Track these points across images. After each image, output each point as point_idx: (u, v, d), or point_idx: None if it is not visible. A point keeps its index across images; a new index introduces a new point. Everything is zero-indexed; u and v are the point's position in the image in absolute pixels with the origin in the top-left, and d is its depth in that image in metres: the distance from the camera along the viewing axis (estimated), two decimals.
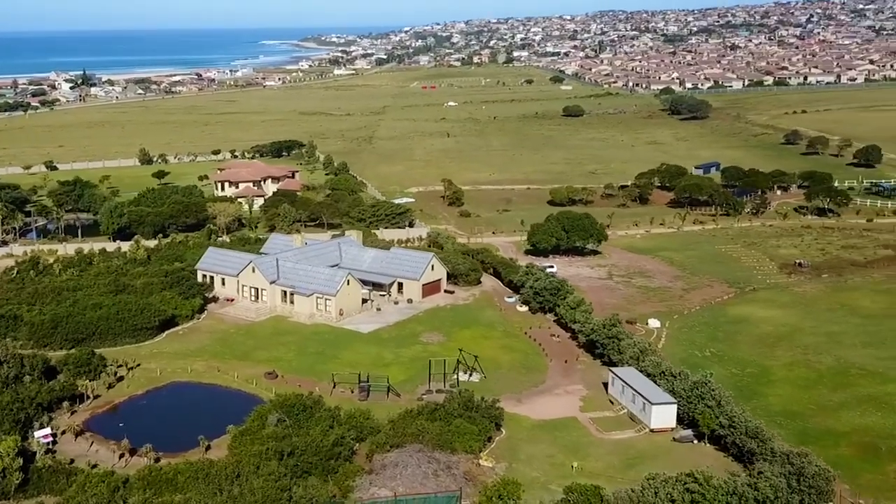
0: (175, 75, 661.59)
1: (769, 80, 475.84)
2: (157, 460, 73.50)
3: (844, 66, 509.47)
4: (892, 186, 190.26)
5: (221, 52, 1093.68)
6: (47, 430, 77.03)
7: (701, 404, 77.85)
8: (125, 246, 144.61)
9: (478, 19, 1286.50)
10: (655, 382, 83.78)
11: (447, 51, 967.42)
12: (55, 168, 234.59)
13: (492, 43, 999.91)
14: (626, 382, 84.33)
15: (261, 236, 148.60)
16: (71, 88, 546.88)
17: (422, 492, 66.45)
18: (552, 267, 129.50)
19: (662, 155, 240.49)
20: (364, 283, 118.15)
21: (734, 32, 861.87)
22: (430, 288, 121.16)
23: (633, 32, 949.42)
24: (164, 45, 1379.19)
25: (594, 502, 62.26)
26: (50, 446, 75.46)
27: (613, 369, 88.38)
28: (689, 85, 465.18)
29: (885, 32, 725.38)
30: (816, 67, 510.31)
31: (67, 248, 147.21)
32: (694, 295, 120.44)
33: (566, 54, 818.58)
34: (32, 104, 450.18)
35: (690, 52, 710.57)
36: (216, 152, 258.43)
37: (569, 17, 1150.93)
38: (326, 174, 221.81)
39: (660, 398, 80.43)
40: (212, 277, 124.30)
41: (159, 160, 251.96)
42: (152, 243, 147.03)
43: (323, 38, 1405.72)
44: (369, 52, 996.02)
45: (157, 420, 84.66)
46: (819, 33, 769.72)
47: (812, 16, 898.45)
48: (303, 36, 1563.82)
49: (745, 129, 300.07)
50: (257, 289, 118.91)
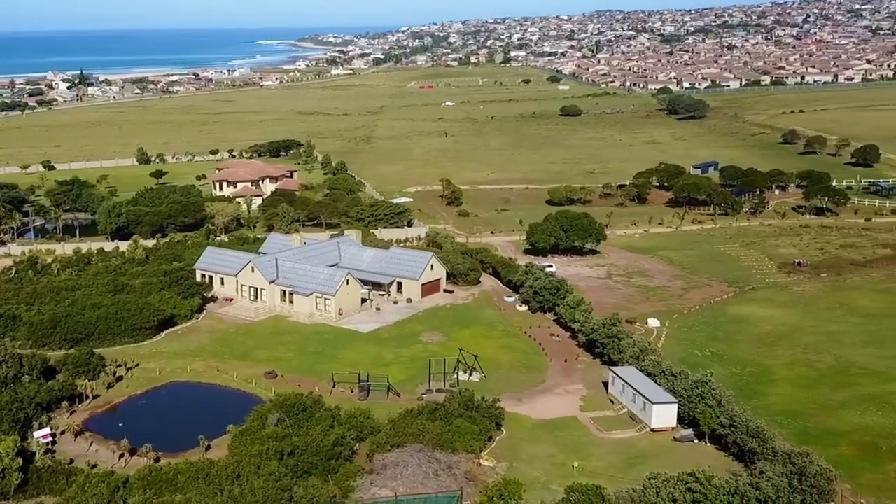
0: (172, 75, 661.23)
1: (766, 79, 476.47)
2: (157, 460, 73.32)
3: (841, 65, 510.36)
4: (890, 186, 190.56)
5: (218, 52, 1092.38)
6: (46, 431, 76.80)
7: (701, 404, 77.78)
8: (123, 246, 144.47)
9: (475, 19, 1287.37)
10: (656, 382, 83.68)
11: (444, 51, 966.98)
12: (53, 168, 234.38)
13: (489, 43, 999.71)
14: (626, 382, 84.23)
15: (259, 236, 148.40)
16: (68, 88, 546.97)
17: (422, 492, 66.31)
18: (551, 266, 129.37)
19: (660, 154, 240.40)
20: (363, 282, 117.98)
21: (731, 32, 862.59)
22: (430, 287, 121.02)
23: (630, 32, 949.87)
24: (161, 44, 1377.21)
25: (596, 502, 62.14)
26: (49, 446, 75.22)
27: (614, 369, 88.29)
28: (686, 85, 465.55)
29: (881, 32, 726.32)
30: (813, 67, 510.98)
31: (65, 248, 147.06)
32: (693, 294, 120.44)
33: (563, 54, 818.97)
34: (30, 104, 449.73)
35: (687, 51, 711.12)
36: (214, 152, 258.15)
37: (566, 17, 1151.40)
38: (325, 174, 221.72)
39: (660, 398, 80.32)
40: (211, 277, 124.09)
41: (157, 160, 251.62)
42: (151, 243, 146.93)
43: (320, 38, 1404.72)
44: (366, 51, 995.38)
45: (157, 420, 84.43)
46: (816, 33, 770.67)
47: (809, 16, 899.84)
48: (300, 36, 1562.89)
49: (743, 128, 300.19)
50: (256, 288, 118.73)
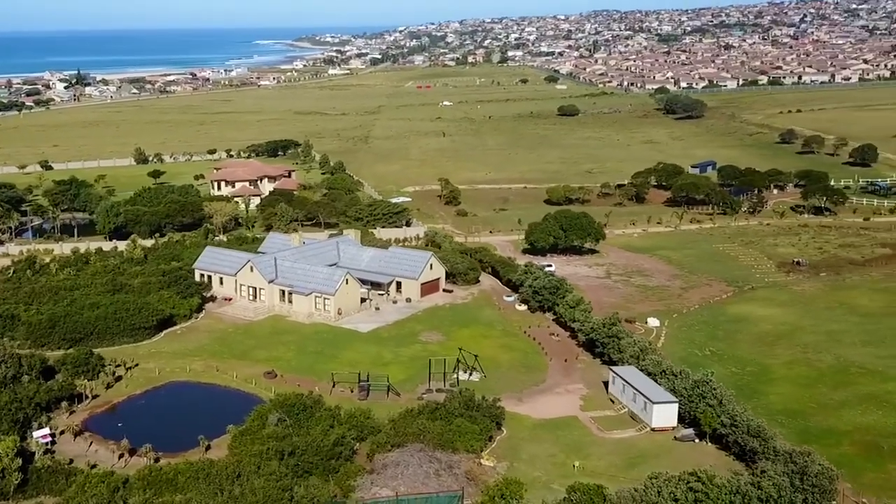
0: (169, 75, 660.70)
1: (763, 79, 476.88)
2: (157, 460, 73.13)
3: (838, 65, 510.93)
4: (887, 185, 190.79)
5: (216, 52, 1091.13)
6: (46, 431, 76.61)
7: (702, 403, 77.72)
8: (122, 245, 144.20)
9: (472, 19, 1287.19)
10: (656, 381, 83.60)
11: (442, 50, 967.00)
12: (50, 167, 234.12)
13: (486, 43, 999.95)
14: (626, 381, 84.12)
15: (258, 235, 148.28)
16: (65, 88, 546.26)
17: (423, 491, 66.21)
18: (550, 266, 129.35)
19: (658, 154, 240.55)
20: (363, 282, 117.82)
21: (728, 32, 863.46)
22: (429, 287, 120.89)
23: (628, 32, 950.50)
24: (159, 44, 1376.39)
25: (597, 502, 62.05)
26: (49, 446, 75.04)
27: (614, 368, 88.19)
28: (683, 84, 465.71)
29: (878, 32, 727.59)
30: (810, 67, 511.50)
31: (64, 248, 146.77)
32: (693, 294, 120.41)
33: (561, 54, 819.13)
34: (27, 104, 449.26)
35: (685, 51, 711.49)
36: (212, 152, 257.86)
37: (563, 17, 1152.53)
38: (323, 173, 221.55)
39: (661, 397, 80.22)
40: (209, 277, 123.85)
41: (155, 160, 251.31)
42: (149, 242, 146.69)
43: (317, 38, 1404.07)
44: (364, 51, 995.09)
45: (157, 420, 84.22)
46: (813, 33, 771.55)
47: (805, 16, 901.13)
48: (297, 36, 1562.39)
49: (741, 128, 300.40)
50: (255, 288, 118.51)
